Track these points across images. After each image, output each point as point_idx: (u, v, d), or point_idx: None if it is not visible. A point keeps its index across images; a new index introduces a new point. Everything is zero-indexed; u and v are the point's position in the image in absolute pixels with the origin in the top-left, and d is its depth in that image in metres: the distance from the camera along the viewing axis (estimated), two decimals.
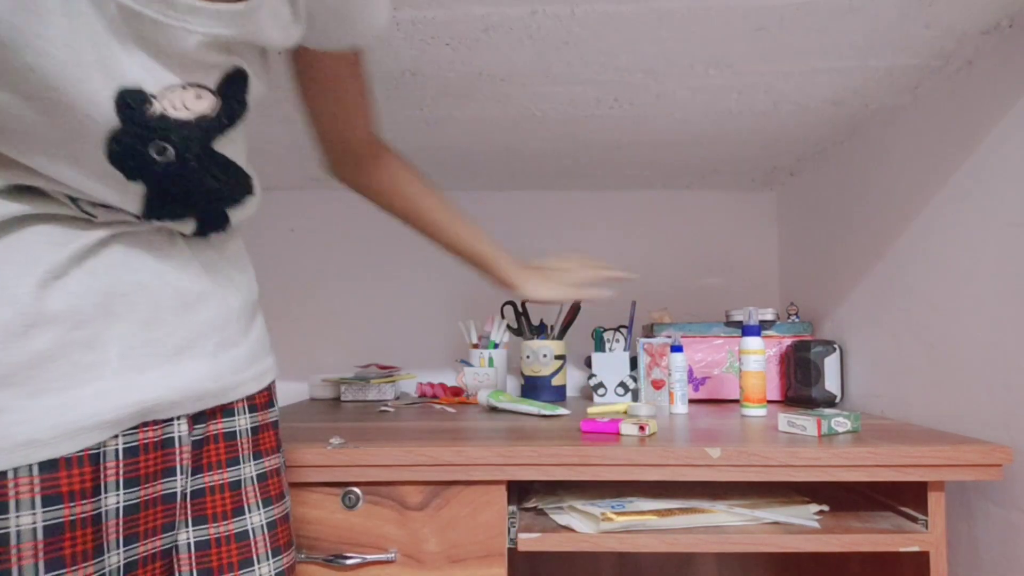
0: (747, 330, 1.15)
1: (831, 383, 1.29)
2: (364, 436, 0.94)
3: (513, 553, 0.87)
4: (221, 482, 0.62)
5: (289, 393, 1.68)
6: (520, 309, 1.48)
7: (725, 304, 1.69)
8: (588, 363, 1.45)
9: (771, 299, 1.70)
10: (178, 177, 0.53)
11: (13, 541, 0.47)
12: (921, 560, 0.86)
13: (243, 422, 0.65)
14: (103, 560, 0.52)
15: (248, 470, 0.64)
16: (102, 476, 0.52)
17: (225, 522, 0.61)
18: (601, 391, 1.41)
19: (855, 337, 1.32)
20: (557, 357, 1.42)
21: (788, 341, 1.40)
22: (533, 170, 1.53)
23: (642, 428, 0.92)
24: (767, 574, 1.54)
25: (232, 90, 0.53)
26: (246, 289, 0.66)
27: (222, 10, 0.48)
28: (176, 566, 0.59)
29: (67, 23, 0.43)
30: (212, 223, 0.59)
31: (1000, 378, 0.92)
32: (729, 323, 1.42)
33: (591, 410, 1.18)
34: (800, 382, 1.32)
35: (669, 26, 0.87)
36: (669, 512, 0.87)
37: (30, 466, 0.48)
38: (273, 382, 0.70)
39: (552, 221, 1.73)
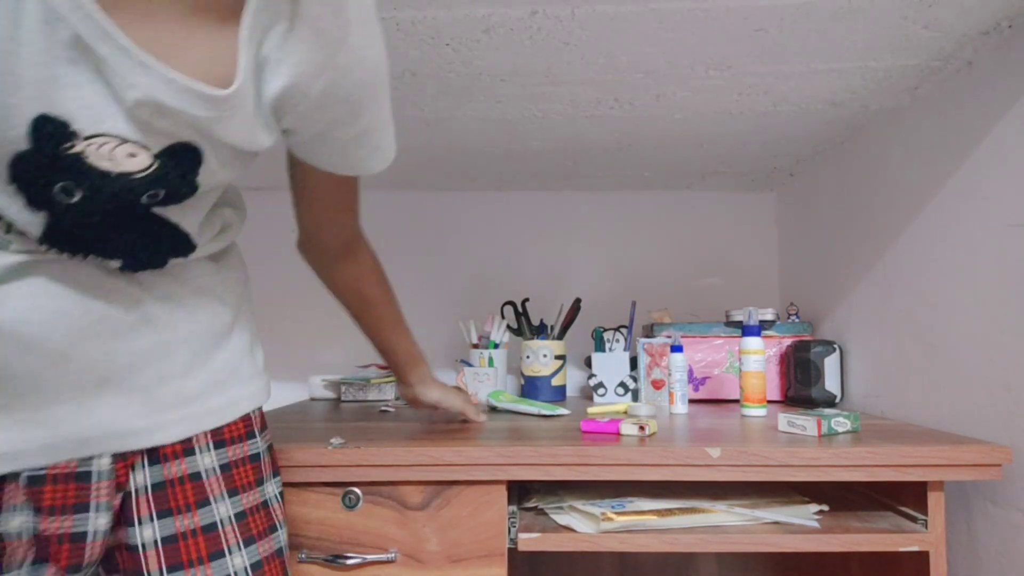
0: (747, 330, 1.15)
1: (831, 383, 1.29)
2: (364, 436, 0.94)
3: (513, 553, 0.87)
4: (192, 527, 0.59)
5: (289, 393, 1.68)
6: (520, 309, 1.48)
7: (725, 304, 1.70)
8: (588, 363, 1.45)
9: (771, 299, 1.70)
10: (84, 220, 0.50)
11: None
12: (920, 560, 0.86)
13: (207, 460, 0.61)
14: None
15: (223, 509, 0.61)
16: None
17: (202, 566, 0.58)
18: (601, 391, 1.41)
19: (855, 337, 1.32)
20: (557, 357, 1.42)
21: (788, 341, 1.40)
22: (533, 170, 1.53)
23: (642, 428, 0.92)
24: (767, 574, 1.54)
25: (176, 163, 0.50)
26: (209, 316, 0.62)
27: (177, 80, 0.46)
28: None
29: (9, 33, 0.42)
30: (141, 265, 0.56)
31: (1000, 378, 0.92)
32: (729, 323, 1.43)
33: (591, 410, 1.18)
34: (800, 382, 1.33)
35: (669, 27, 0.87)
36: (669, 512, 0.87)
37: None
38: (253, 411, 0.66)
39: (552, 221, 1.73)
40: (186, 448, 0.60)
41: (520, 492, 1.00)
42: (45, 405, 0.53)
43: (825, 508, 0.92)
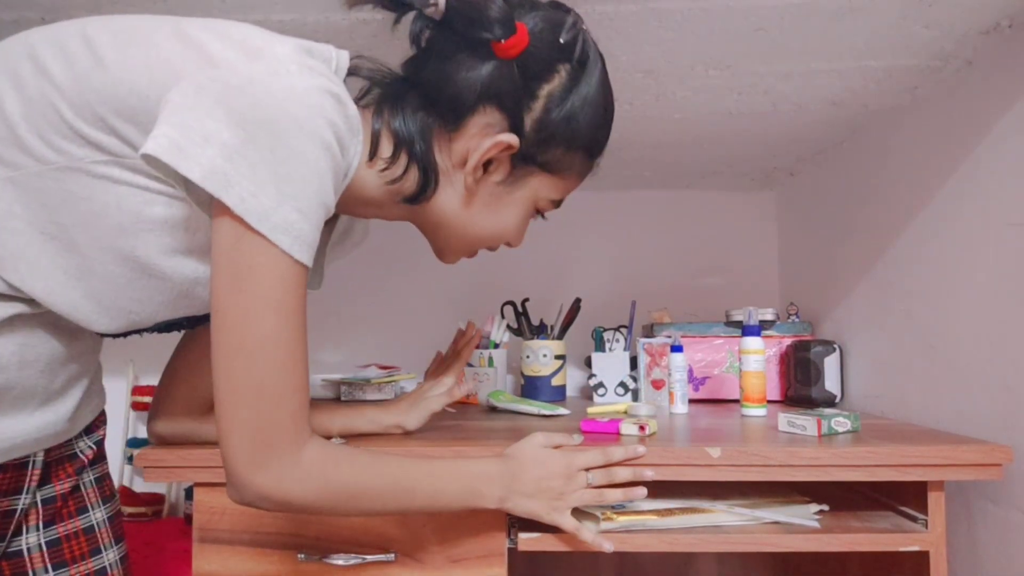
0: (747, 330, 1.15)
1: (831, 383, 1.29)
2: (365, 436, 0.94)
3: (513, 553, 0.87)
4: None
5: None
6: (520, 309, 1.48)
7: (725, 304, 1.69)
8: (588, 363, 1.45)
9: (771, 299, 1.70)
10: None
11: None
12: (921, 560, 0.86)
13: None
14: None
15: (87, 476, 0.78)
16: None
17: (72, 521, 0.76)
18: (601, 391, 1.41)
19: (855, 337, 1.32)
20: (557, 357, 1.42)
21: (788, 341, 1.40)
22: None
23: (642, 428, 0.92)
24: (767, 574, 1.54)
25: None
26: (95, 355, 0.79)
27: None
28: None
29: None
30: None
31: (1000, 378, 0.92)
32: (729, 323, 1.43)
33: (591, 410, 1.18)
34: (800, 382, 1.33)
35: (669, 26, 0.87)
36: (669, 512, 0.87)
37: None
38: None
39: (552, 221, 1.72)
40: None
41: None
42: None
43: (825, 508, 0.92)
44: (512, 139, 0.68)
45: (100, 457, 0.80)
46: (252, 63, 0.57)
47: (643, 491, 0.81)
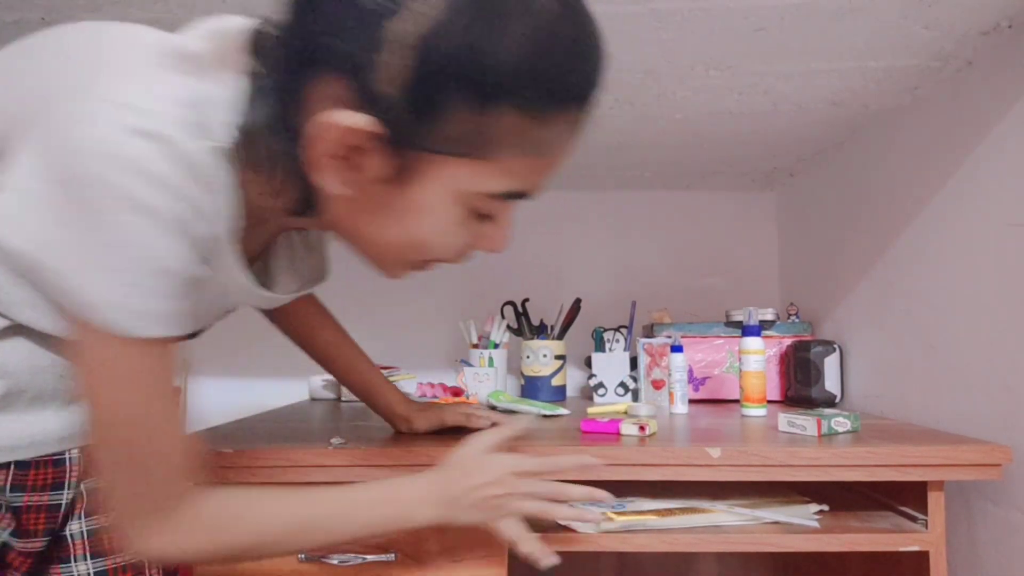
0: (747, 330, 1.15)
1: (831, 383, 1.29)
2: (364, 436, 0.94)
3: (513, 553, 0.87)
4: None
5: (289, 393, 1.68)
6: (520, 309, 1.48)
7: (725, 304, 1.69)
8: (588, 363, 1.45)
9: (771, 299, 1.70)
10: None
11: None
12: (921, 560, 0.86)
13: None
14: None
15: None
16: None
17: None
18: (601, 391, 1.41)
19: (855, 337, 1.32)
20: (557, 357, 1.42)
21: (788, 341, 1.40)
22: None
23: (642, 428, 0.92)
24: (767, 574, 1.54)
25: None
26: None
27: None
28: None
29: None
30: None
31: (1000, 378, 0.92)
32: (729, 323, 1.43)
33: (591, 410, 1.18)
34: (800, 382, 1.33)
35: (669, 26, 0.87)
36: (669, 512, 0.87)
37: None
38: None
39: (552, 221, 1.73)
40: None
41: None
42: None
43: (825, 508, 0.92)
44: (350, 119, 0.47)
45: None
46: (84, 103, 0.48)
47: (604, 493, 0.74)
